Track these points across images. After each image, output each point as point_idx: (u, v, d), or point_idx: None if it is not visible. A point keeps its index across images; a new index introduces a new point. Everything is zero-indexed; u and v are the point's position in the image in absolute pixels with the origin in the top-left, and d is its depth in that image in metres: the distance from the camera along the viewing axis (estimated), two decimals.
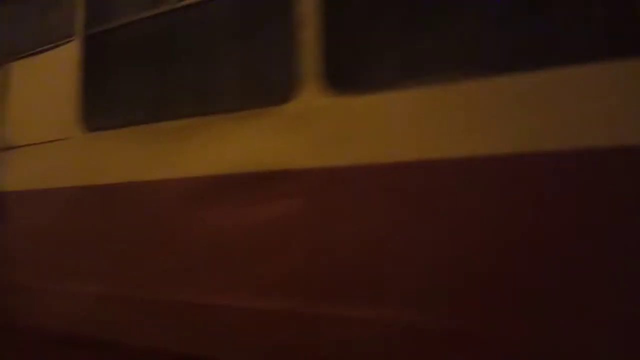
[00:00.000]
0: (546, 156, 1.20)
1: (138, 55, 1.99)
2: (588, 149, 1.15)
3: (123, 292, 1.83)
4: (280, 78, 1.60)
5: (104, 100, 2.04)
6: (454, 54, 1.41)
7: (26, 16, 2.41)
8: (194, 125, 1.76)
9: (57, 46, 2.18)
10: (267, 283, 1.56)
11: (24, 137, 2.27)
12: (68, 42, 2.13)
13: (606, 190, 1.14)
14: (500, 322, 1.22)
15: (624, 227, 1.11)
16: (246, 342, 1.59)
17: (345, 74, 1.52)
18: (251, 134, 1.63)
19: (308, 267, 1.50)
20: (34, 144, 2.21)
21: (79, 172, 2.02)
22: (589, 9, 1.26)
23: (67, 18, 2.16)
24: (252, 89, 1.70)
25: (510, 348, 1.21)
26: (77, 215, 2.01)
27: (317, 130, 1.50)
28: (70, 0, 2.16)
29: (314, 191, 1.50)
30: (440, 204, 1.33)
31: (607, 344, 1.11)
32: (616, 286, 1.11)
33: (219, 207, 1.67)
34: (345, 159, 1.45)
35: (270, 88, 1.65)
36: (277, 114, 1.58)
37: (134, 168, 1.88)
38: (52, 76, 2.17)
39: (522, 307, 1.20)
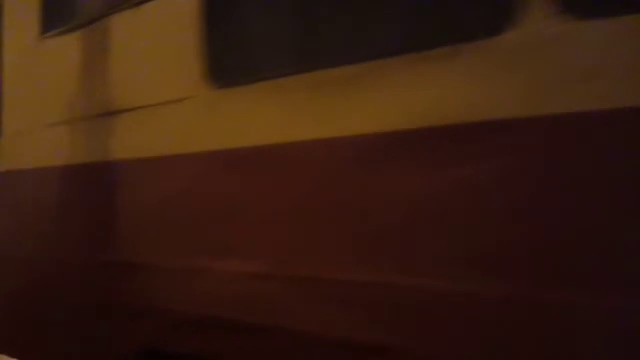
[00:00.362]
0: None
1: None
2: None
3: (279, 271, 1.57)
4: (486, 3, 1.27)
5: (236, 50, 1.74)
6: None
7: None
8: (357, 73, 1.46)
9: None
10: (467, 261, 1.28)
11: (132, 99, 2.00)
12: None
13: None
14: None
15: None
16: (445, 332, 1.32)
17: None
18: (444, 78, 1.31)
19: (522, 243, 1.20)
20: (146, 106, 1.94)
21: (208, 135, 1.75)
22: None
23: None
24: (442, 21, 1.36)
25: None
26: (210, 184, 1.74)
27: (549, 67, 1.17)
28: None
29: (544, 146, 1.18)
30: None
31: None
32: None
33: (399, 170, 1.38)
34: (593, 102, 1.13)
35: (470, 17, 1.31)
36: (483, 50, 1.25)
37: (279, 128, 1.60)
38: (165, 27, 1.88)
39: None
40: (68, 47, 2.26)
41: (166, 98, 1.86)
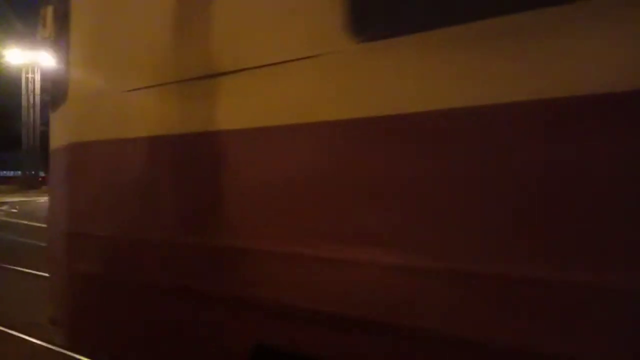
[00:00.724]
0: None
1: None
2: None
3: (431, 264, 1.30)
4: None
5: None
6: None
7: None
8: (537, 22, 1.17)
9: None
10: None
11: (243, 57, 1.71)
12: None
13: None
14: None
15: None
16: None
17: None
18: None
19: None
20: (263, 65, 1.65)
21: (346, 99, 1.46)
22: None
23: None
24: None
25: None
26: (344, 159, 1.46)
27: None
28: None
29: None
30: None
31: None
32: None
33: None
34: None
35: None
36: None
37: (437, 91, 1.30)
38: None
39: None
40: None
41: (292, 55, 1.57)
